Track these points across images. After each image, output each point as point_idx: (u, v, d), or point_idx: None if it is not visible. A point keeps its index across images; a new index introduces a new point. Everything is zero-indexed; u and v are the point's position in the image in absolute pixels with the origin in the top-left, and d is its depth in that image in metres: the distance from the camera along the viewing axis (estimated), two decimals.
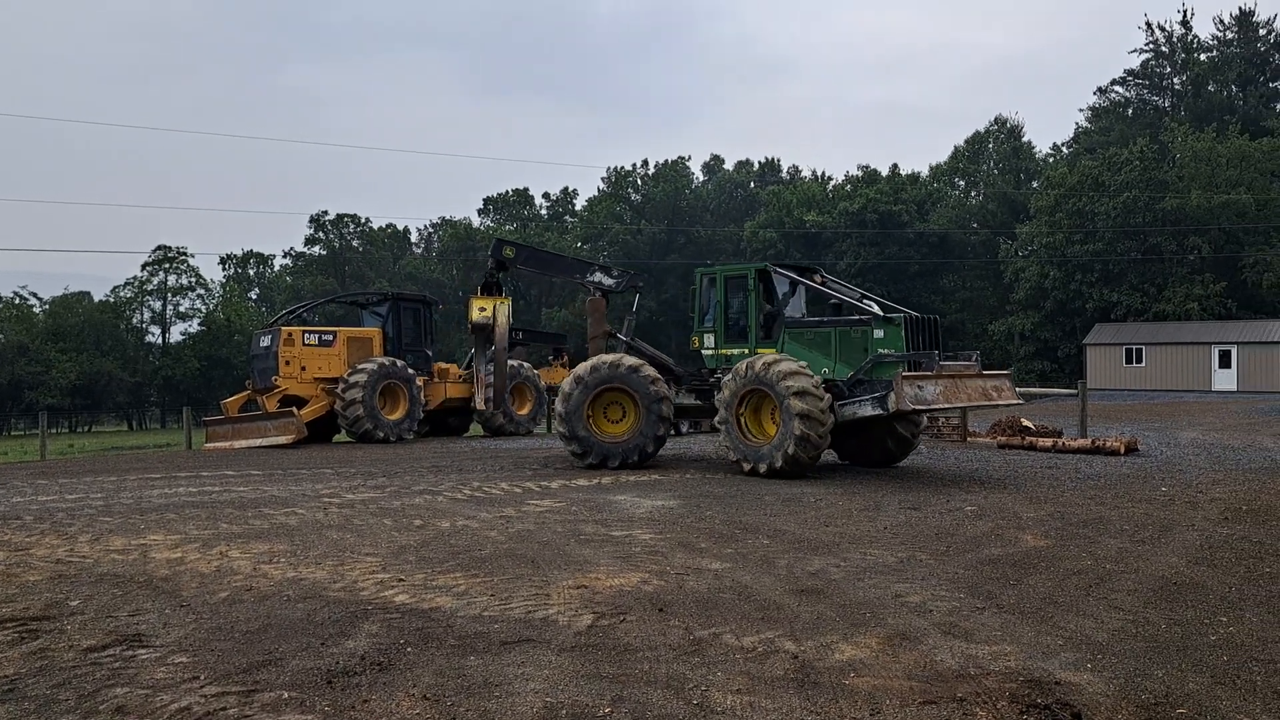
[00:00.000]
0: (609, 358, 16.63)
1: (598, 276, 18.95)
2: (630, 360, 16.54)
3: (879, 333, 14.37)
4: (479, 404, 20.94)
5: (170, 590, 7.66)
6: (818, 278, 16.40)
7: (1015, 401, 14.76)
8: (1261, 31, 67.00)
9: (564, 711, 4.91)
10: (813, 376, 14.21)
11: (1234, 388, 46.71)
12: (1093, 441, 18.25)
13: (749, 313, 15.88)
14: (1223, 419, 27.07)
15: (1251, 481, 13.80)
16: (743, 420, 15.08)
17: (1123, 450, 17.57)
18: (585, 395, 16.36)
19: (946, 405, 13.69)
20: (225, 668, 5.67)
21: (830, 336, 14.95)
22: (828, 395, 14.14)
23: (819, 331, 15.15)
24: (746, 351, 15.71)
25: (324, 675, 5.50)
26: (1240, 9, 68.85)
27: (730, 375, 15.09)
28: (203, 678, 5.50)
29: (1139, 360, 49.53)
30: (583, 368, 16.63)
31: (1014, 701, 5.00)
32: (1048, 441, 18.82)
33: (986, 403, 14.22)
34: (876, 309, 15.10)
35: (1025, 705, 4.95)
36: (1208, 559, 8.54)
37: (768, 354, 14.97)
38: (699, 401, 16.96)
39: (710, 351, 16.46)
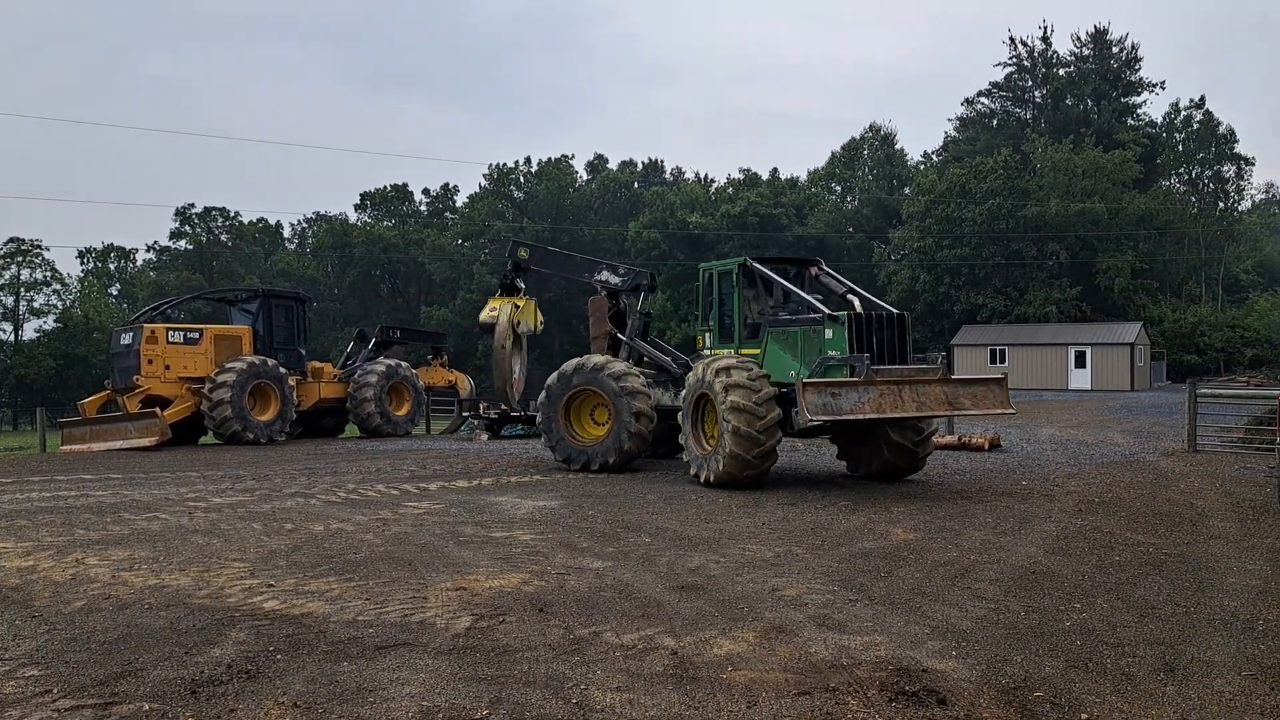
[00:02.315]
0: (586, 359, 16.05)
1: (604, 275, 18.15)
2: (603, 362, 15.85)
3: (829, 332, 13.08)
4: (512, 402, 20.34)
5: (21, 600, 7.25)
6: (812, 270, 15.04)
7: (1003, 411, 12.61)
8: (1115, 49, 70.83)
9: (440, 715, 4.84)
10: (755, 380, 13.02)
11: (1088, 386, 49.25)
12: (959, 438, 18.99)
13: (733, 310, 14.79)
14: (1078, 416, 28.53)
15: (1103, 475, 14.57)
16: (701, 425, 14.08)
17: (987, 447, 18.36)
18: (559, 397, 15.87)
19: (876, 415, 11.96)
20: (80, 680, 5.39)
21: (797, 337, 13.65)
22: (772, 401, 12.89)
23: (789, 331, 13.85)
24: (729, 352, 14.59)
25: (188, 685, 5.28)
26: (1096, 27, 72.75)
27: (689, 378, 14.28)
28: (56, 691, 5.21)
29: (1002, 360, 51.73)
30: (562, 369, 16.15)
31: (884, 689, 5.16)
32: None
33: (952, 412, 12.45)
34: (858, 305, 13.61)
35: (894, 693, 5.11)
36: (1063, 549, 8.98)
37: (728, 355, 14.07)
38: None
39: (707, 351, 15.30)
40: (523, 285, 19.51)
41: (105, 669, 5.57)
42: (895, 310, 13.48)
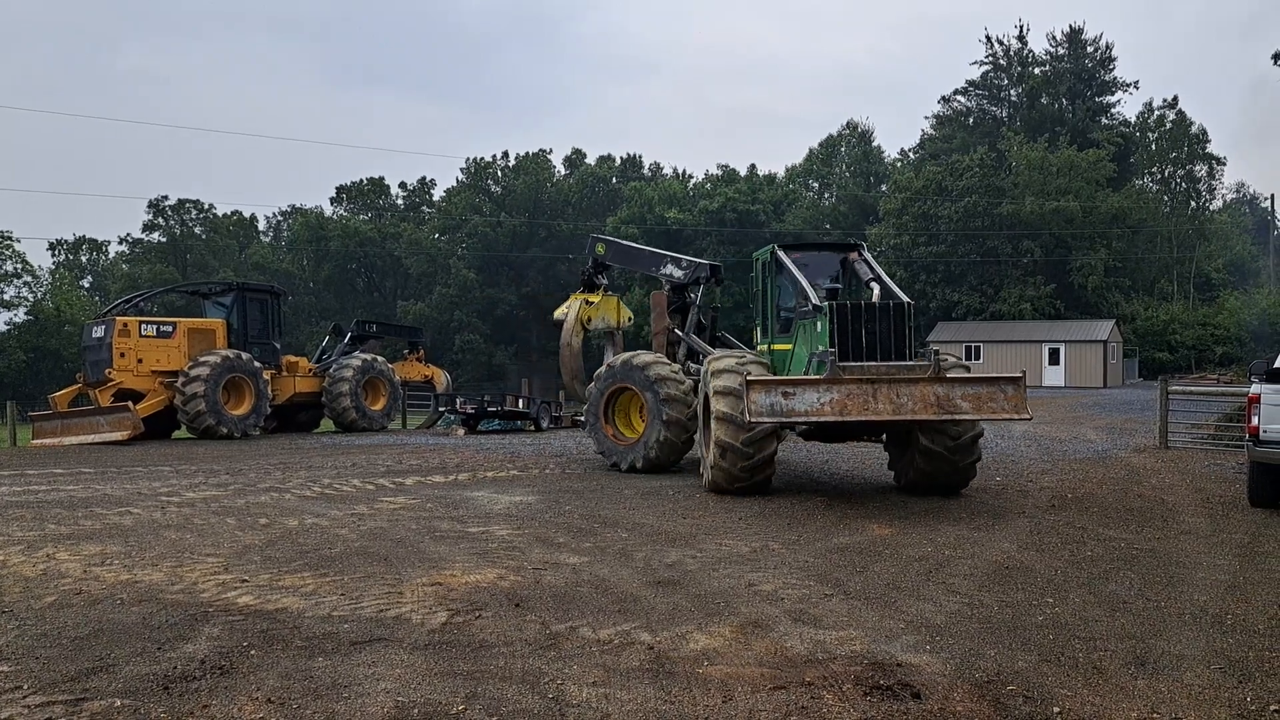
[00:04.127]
0: (634, 355, 15.23)
1: (668, 268, 17.20)
2: (647, 361, 14.91)
3: (819, 325, 11.88)
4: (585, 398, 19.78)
5: None
6: (851, 255, 13.79)
7: (1016, 417, 10.60)
8: (1089, 49, 71.43)
9: (416, 711, 4.82)
10: (742, 378, 11.29)
11: (1062, 383, 49.73)
12: None
13: (766, 302, 13.79)
14: (1052, 413, 28.76)
15: (1076, 471, 14.71)
16: (709, 427, 12.78)
17: None
18: (602, 392, 15.34)
19: (836, 419, 10.58)
20: (51, 676, 5.33)
21: (810, 330, 12.46)
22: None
23: (805, 324, 12.64)
24: (765, 348, 13.67)
25: (160, 681, 5.24)
26: (1071, 26, 73.33)
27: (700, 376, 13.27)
28: (26, 687, 5.16)
29: (977, 357, 52.04)
30: (610, 362, 15.56)
31: (858, 684, 5.19)
32: None
33: (944, 416, 10.55)
34: (876, 294, 12.49)
35: (869, 687, 5.14)
36: (1036, 544, 9.06)
37: (734, 353, 13.27)
38: None
39: (758, 347, 14.17)
40: (604, 281, 18.68)
41: (77, 665, 5.52)
42: (898, 299, 12.04)
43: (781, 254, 13.39)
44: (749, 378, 10.75)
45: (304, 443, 22.20)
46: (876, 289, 12.65)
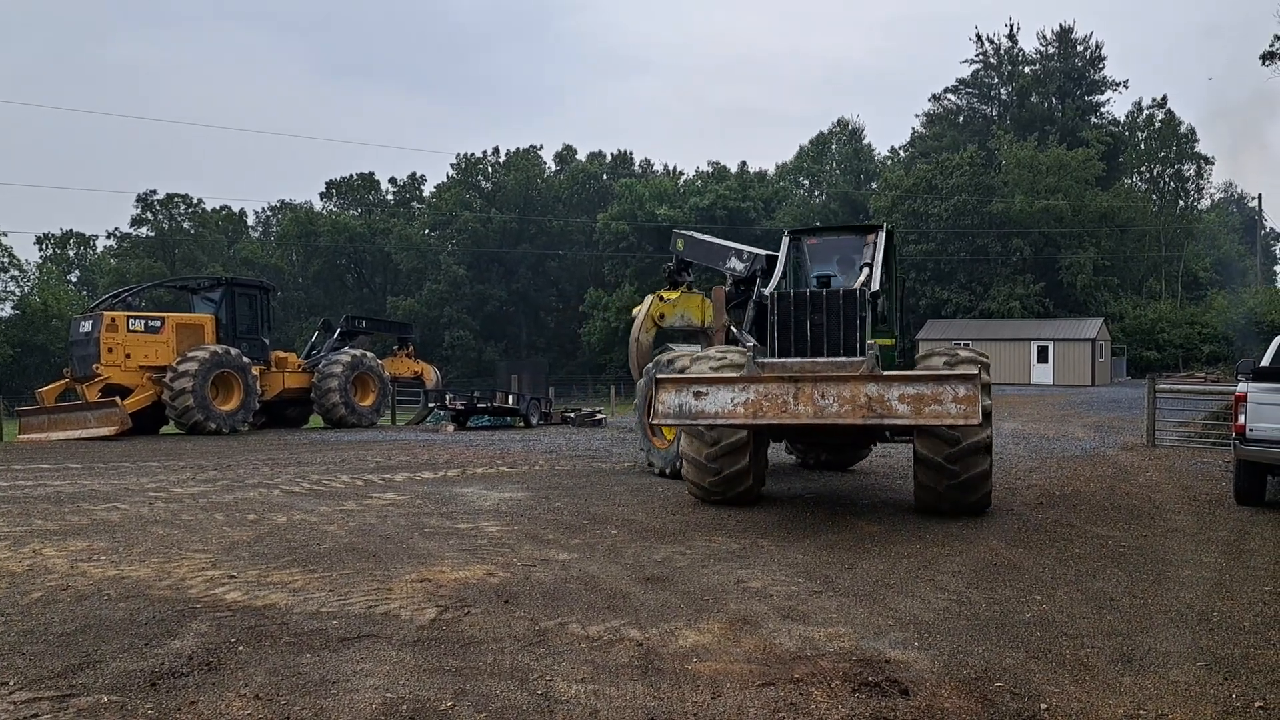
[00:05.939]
0: (677, 355, 14.22)
1: (730, 262, 15.82)
2: (682, 361, 13.64)
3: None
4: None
5: None
6: (869, 237, 12.18)
7: (964, 422, 8.64)
8: (1079, 48, 71.78)
9: (404, 707, 4.81)
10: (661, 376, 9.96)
11: (1050, 381, 49.96)
12: None
13: None
14: (1040, 410, 28.87)
15: (1064, 468, 14.76)
16: None
17: None
18: (644, 392, 14.49)
19: (747, 422, 9.32)
20: (37, 672, 5.30)
21: None
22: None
23: None
24: None
25: (147, 677, 5.21)
26: (1061, 25, 73.72)
27: None
28: (12, 683, 5.13)
29: None
30: (657, 359, 14.79)
31: (847, 680, 5.20)
32: None
33: (875, 420, 8.86)
34: (859, 280, 11.24)
35: (858, 684, 5.15)
36: (1024, 541, 9.09)
37: (723, 350, 11.83)
38: None
39: None
40: (689, 278, 17.93)
41: (63, 661, 5.49)
42: (849, 286, 10.69)
43: (785, 240, 12.28)
44: (659, 375, 9.65)
45: (293, 439, 22.15)
46: (862, 275, 11.33)
